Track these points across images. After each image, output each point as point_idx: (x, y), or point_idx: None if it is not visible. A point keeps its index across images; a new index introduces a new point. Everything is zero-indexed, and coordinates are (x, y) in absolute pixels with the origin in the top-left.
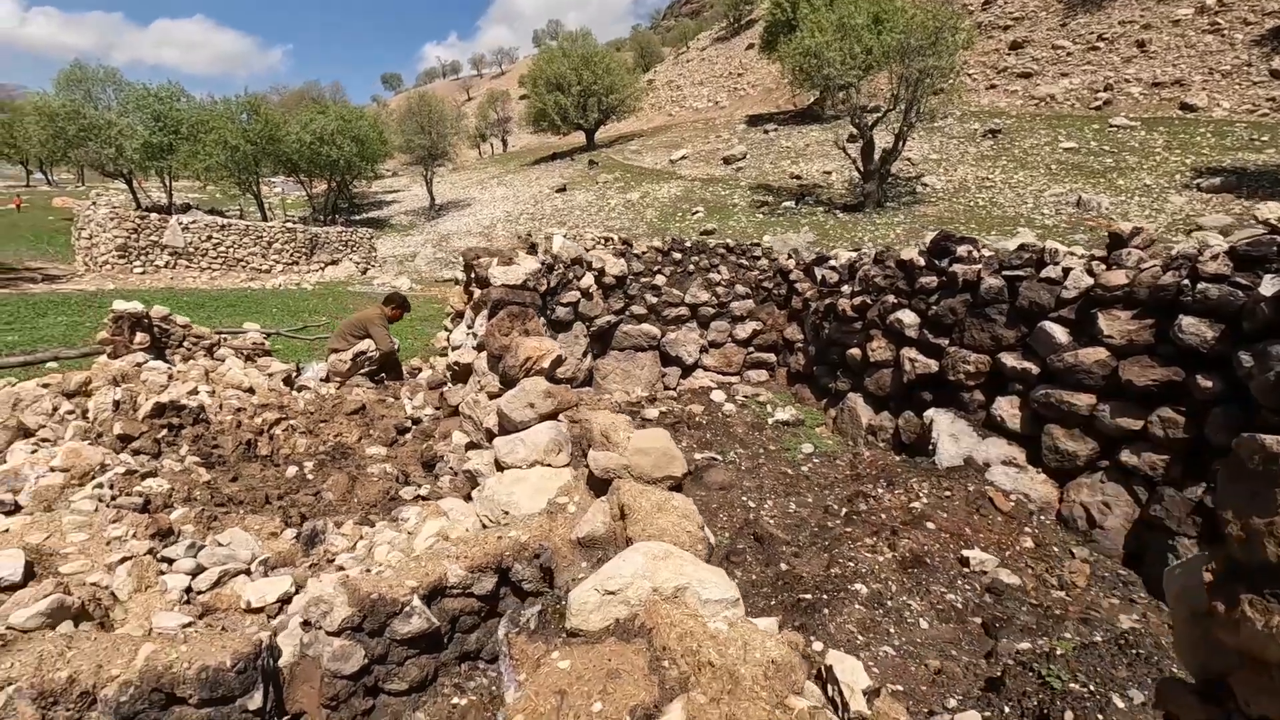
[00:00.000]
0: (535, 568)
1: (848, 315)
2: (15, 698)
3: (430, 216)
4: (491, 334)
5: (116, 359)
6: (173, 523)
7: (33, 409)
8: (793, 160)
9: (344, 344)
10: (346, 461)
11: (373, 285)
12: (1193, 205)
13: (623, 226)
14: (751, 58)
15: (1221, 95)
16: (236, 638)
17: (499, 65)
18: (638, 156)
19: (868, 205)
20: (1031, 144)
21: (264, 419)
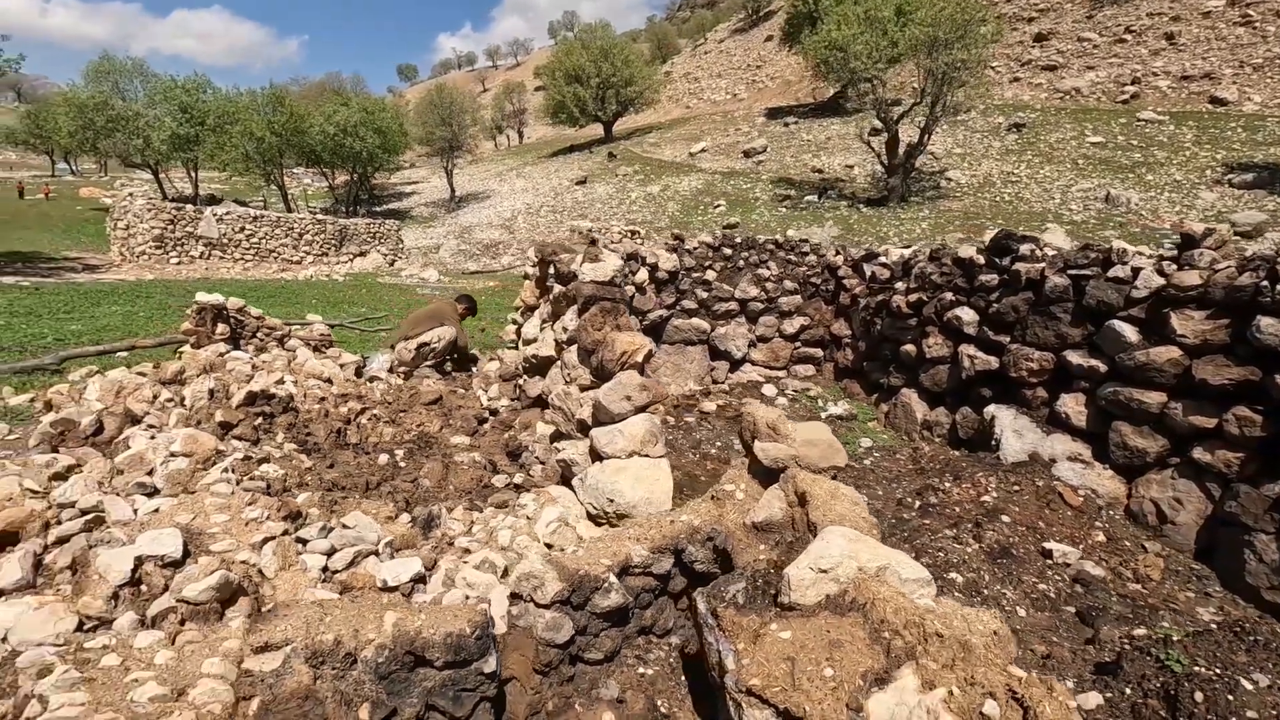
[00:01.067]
0: (708, 549)
1: (903, 312)
2: (292, 656)
3: (450, 208)
4: (584, 329)
5: (200, 349)
6: (299, 506)
7: (135, 396)
8: (814, 154)
9: (413, 333)
10: (433, 450)
11: (400, 276)
12: (1224, 201)
13: (644, 220)
14: (770, 50)
15: (1253, 89)
16: (464, 609)
17: (514, 56)
18: (656, 149)
19: (891, 200)
20: (1057, 138)
21: (349, 408)
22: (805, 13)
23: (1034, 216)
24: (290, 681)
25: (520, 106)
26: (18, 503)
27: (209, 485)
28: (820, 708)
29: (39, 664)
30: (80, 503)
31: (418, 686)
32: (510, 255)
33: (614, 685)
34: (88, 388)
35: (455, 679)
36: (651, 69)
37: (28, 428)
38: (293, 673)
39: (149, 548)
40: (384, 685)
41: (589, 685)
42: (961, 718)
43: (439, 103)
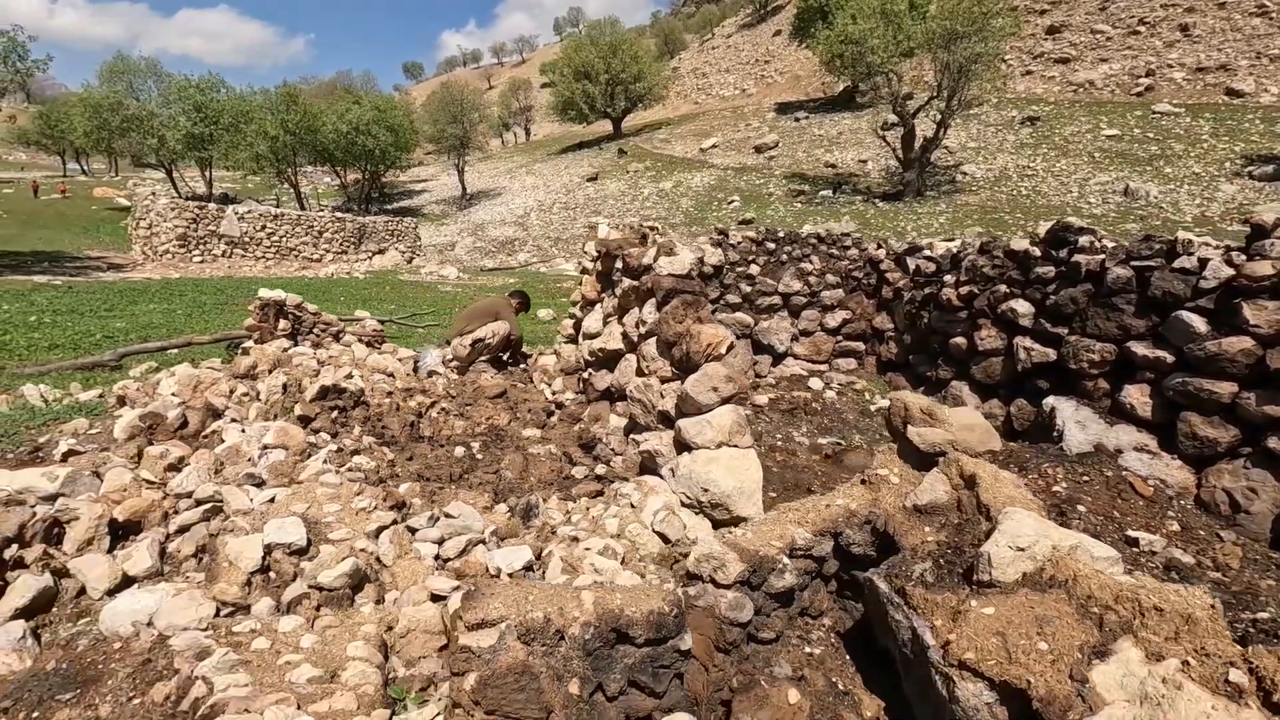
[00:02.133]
0: (865, 533)
1: (953, 304)
2: (506, 632)
3: (462, 206)
4: (665, 322)
5: (263, 344)
6: (403, 496)
7: (213, 390)
8: (826, 149)
9: (469, 328)
10: (506, 443)
11: (420, 274)
12: (1245, 194)
13: (658, 216)
14: (779, 45)
15: (1270, 80)
16: (654, 590)
17: (520, 53)
18: (667, 145)
19: (907, 194)
20: (1072, 131)
21: (418, 402)
22: (816, 7)
23: (1052, 210)
24: (506, 657)
25: (527, 103)
26: (134, 492)
27: (315, 476)
28: (1043, 679)
29: (194, 647)
30: (197, 493)
31: (619, 663)
32: (526, 252)
33: (785, 664)
34: (161, 382)
35: (653, 655)
36: (660, 65)
37: (105, 422)
38: (507, 649)
39: (276, 536)
40: (589, 661)
41: (764, 664)
42: (1207, 687)
43: (449, 100)
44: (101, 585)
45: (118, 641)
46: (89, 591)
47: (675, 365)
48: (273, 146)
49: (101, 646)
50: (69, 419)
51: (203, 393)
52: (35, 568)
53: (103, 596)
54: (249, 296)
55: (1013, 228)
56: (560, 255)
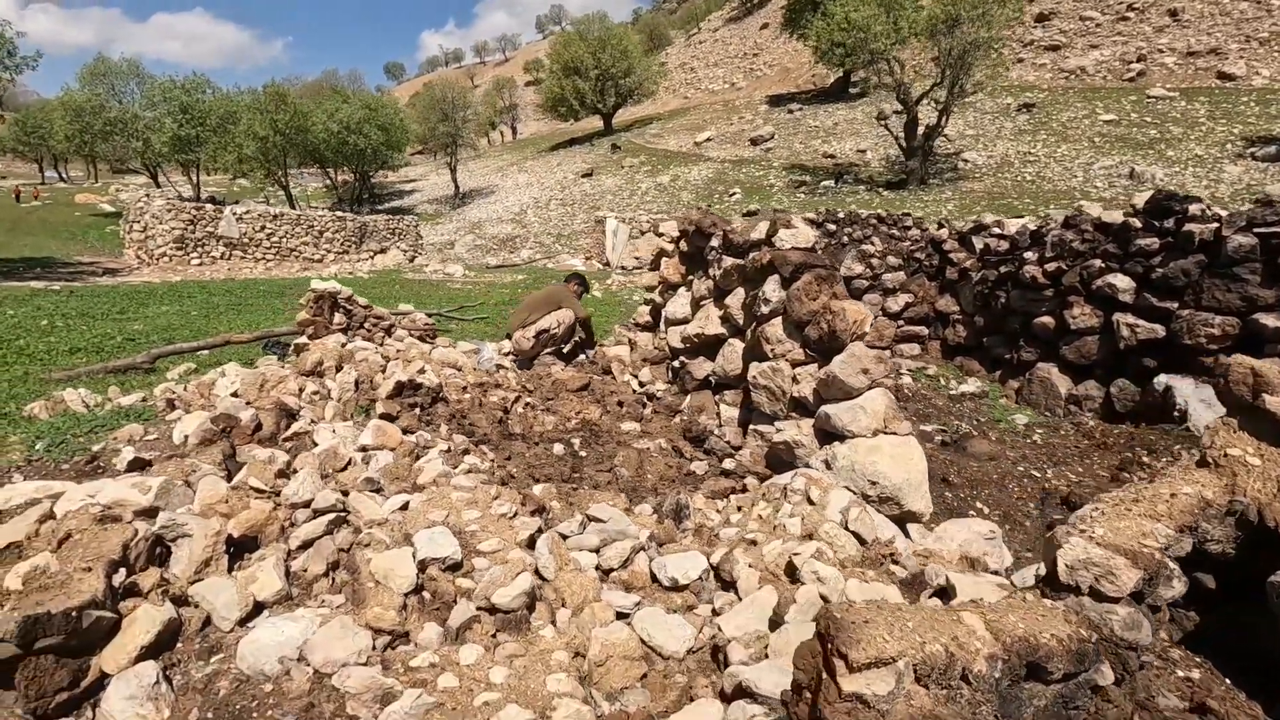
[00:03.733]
0: (1227, 527)
1: (1038, 282)
2: (904, 673)
3: (455, 204)
4: (797, 299)
5: (317, 339)
6: (540, 499)
7: (279, 389)
8: (823, 139)
9: (530, 319)
10: (605, 439)
11: (425, 272)
12: (1251, 175)
13: (659, 210)
14: (767, 37)
15: (1260, 63)
16: (1050, 610)
17: (503, 52)
18: (660, 140)
19: (911, 182)
20: (1069, 117)
21: (500, 397)
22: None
23: (1059, 195)
24: (907, 707)
25: (513, 101)
26: (237, 503)
27: (441, 480)
28: None
29: (372, 688)
30: (317, 501)
31: (1028, 705)
32: (529, 249)
33: (1170, 694)
34: (217, 383)
35: (1066, 694)
36: (651, 59)
37: (159, 427)
38: (907, 695)
39: (429, 549)
40: (999, 706)
41: (1145, 693)
42: None
43: (440, 97)
44: (231, 614)
45: (267, 683)
46: (216, 622)
47: (810, 347)
48: (262, 147)
49: (248, 689)
50: (117, 425)
51: (269, 392)
52: (155, 596)
53: (233, 627)
54: (262, 297)
55: (1023, 212)
56: (565, 251)
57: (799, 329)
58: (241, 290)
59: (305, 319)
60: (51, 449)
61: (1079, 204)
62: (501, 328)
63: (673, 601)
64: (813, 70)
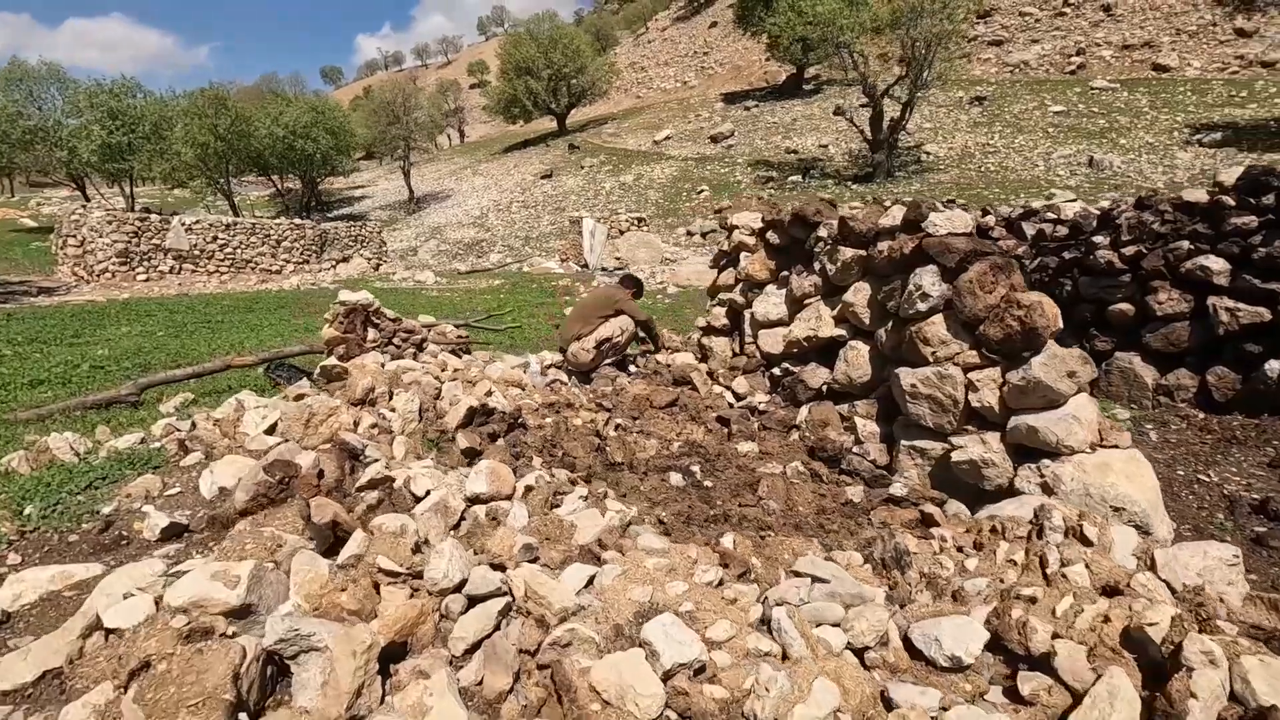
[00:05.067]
0: None
1: (1114, 268)
2: None
3: (411, 210)
4: (970, 293)
5: (350, 359)
6: (735, 553)
7: (329, 424)
8: (784, 135)
9: (587, 329)
10: (722, 462)
11: (393, 280)
12: (1201, 160)
13: (627, 209)
14: (716, 36)
15: (1191, 55)
16: None
17: (444, 54)
18: (618, 139)
19: (878, 175)
20: (1021, 109)
21: (584, 420)
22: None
23: (1025, 184)
24: None
25: (458, 104)
26: (357, 592)
27: (602, 537)
28: None
29: None
30: (473, 584)
31: None
32: (498, 253)
33: None
34: (245, 418)
35: None
36: (603, 58)
37: (178, 477)
38: None
39: (669, 650)
40: None
41: None
42: None
43: (390, 100)
44: None
45: None
46: None
47: (988, 348)
48: (202, 154)
49: None
50: (121, 476)
51: (317, 428)
52: None
53: None
54: (231, 313)
55: (994, 202)
56: (537, 253)
57: (968, 327)
58: (205, 307)
59: (334, 336)
60: (49, 514)
61: (1050, 192)
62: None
63: (959, 687)
64: (764, 68)
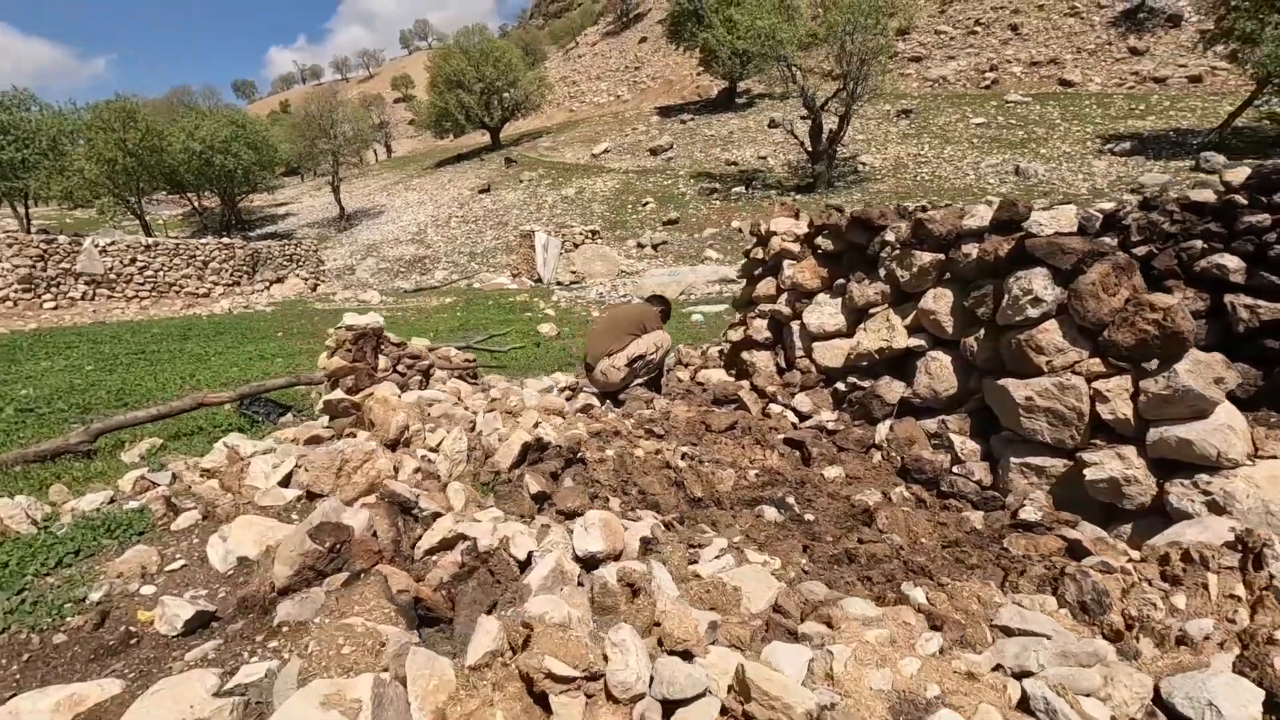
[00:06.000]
0: None
1: None
2: None
3: (342, 227)
4: (1092, 296)
5: (361, 391)
6: (937, 612)
7: (365, 471)
8: (722, 147)
9: (618, 345)
10: (812, 490)
11: (335, 301)
12: (1115, 168)
13: (570, 223)
14: (647, 51)
15: (1092, 71)
16: None
17: (366, 68)
18: (555, 152)
19: (819, 186)
20: (944, 121)
21: (648, 449)
22: (690, 10)
23: (959, 192)
24: None
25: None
26: (524, 699)
27: (781, 602)
28: None
29: None
30: (666, 683)
31: None
32: (442, 270)
33: None
34: (252, 466)
35: None
36: (535, 72)
37: (180, 545)
38: None
39: None
40: None
41: None
42: None
43: (317, 113)
44: None
45: None
46: None
47: (1118, 354)
48: (109, 171)
49: None
50: (97, 547)
51: (350, 476)
52: None
53: None
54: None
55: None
56: (485, 269)
57: (1088, 333)
58: (132, 336)
59: (342, 367)
60: (19, 609)
61: (988, 198)
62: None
63: None
64: (696, 82)
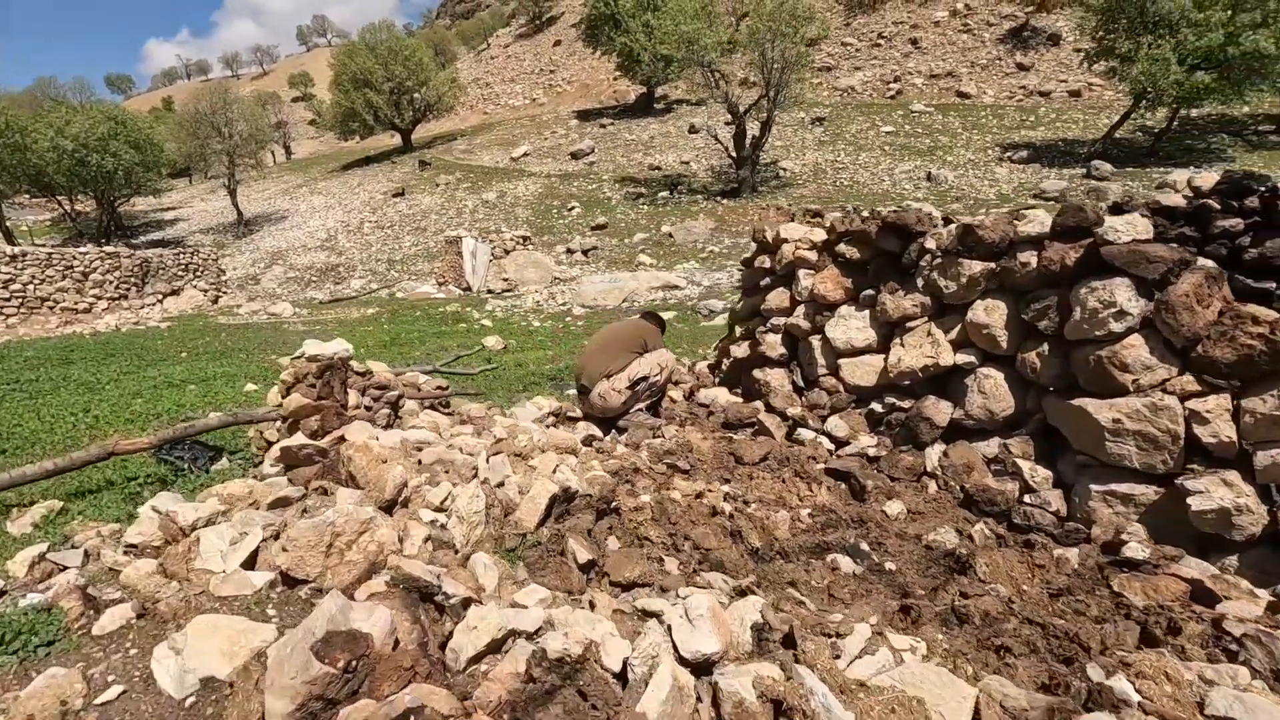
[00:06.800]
0: None
1: None
2: None
3: (241, 233)
4: (1185, 308)
5: (325, 436)
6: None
7: (361, 546)
8: (644, 152)
9: (617, 365)
10: (876, 529)
11: (241, 315)
12: (1015, 174)
13: (495, 227)
14: (562, 54)
15: (985, 85)
16: None
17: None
18: (472, 155)
19: (744, 190)
20: (857, 129)
21: (686, 491)
22: (607, 14)
23: (877, 196)
24: None
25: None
26: None
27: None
28: None
29: None
30: None
31: None
32: (359, 278)
33: None
34: (200, 542)
35: None
36: (447, 72)
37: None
38: None
39: None
40: None
41: None
42: None
43: (210, 110)
44: None
45: None
46: None
47: (1217, 371)
48: None
49: None
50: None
51: (344, 553)
52: None
53: None
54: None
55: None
56: (406, 277)
57: (1174, 349)
58: (1, 361)
59: (304, 406)
60: None
61: (907, 203)
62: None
63: None
64: (613, 86)
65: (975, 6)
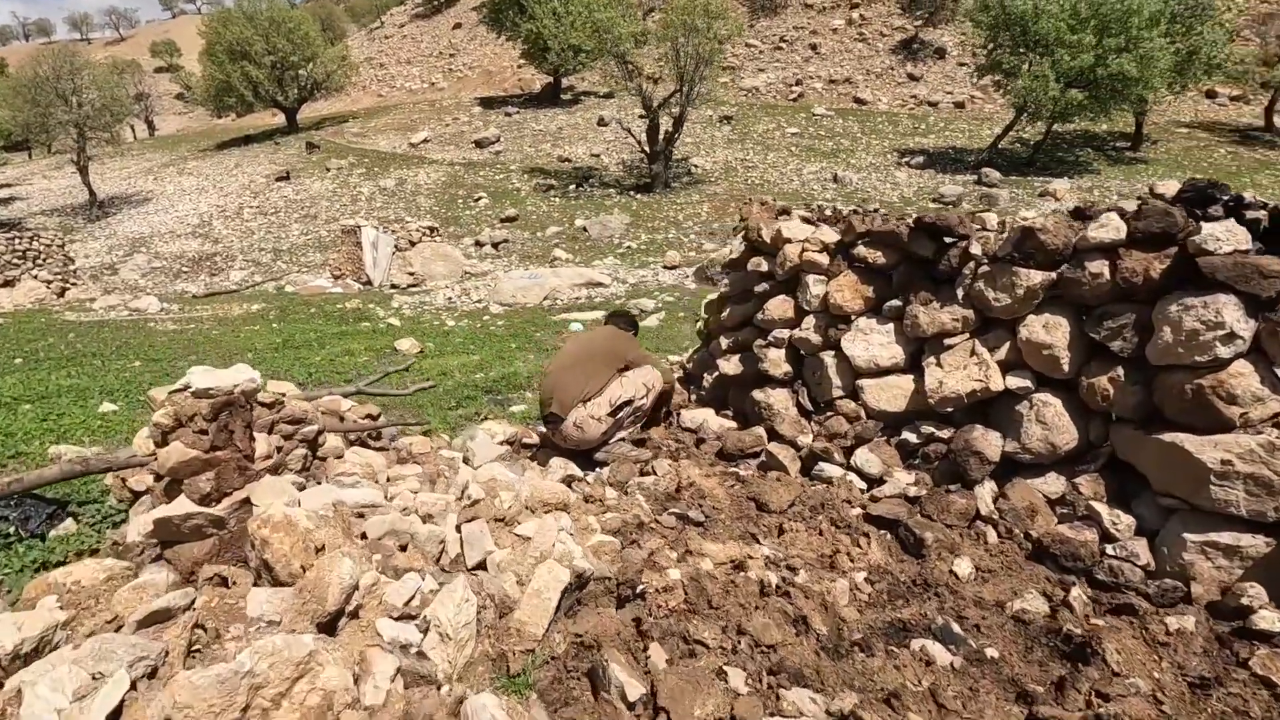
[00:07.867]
0: None
1: None
2: None
3: (95, 216)
4: None
5: (222, 501)
6: None
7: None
8: (553, 143)
9: (593, 387)
10: (950, 598)
11: (94, 311)
12: (914, 178)
13: (396, 217)
14: (462, 38)
15: (880, 92)
16: None
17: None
18: (366, 139)
19: (657, 186)
20: (763, 129)
21: (720, 557)
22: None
23: (788, 195)
24: None
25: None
26: None
27: None
28: None
29: None
30: None
31: None
32: (239, 269)
33: None
34: (26, 696)
35: None
36: (338, 49)
37: None
38: None
39: None
40: None
41: None
42: None
43: (52, 74)
44: None
45: None
46: None
47: None
48: None
49: None
50: None
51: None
52: None
53: None
54: None
55: None
56: (295, 269)
57: None
58: None
59: (190, 459)
60: None
61: (817, 204)
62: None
63: None
64: (518, 74)
65: (870, 17)
